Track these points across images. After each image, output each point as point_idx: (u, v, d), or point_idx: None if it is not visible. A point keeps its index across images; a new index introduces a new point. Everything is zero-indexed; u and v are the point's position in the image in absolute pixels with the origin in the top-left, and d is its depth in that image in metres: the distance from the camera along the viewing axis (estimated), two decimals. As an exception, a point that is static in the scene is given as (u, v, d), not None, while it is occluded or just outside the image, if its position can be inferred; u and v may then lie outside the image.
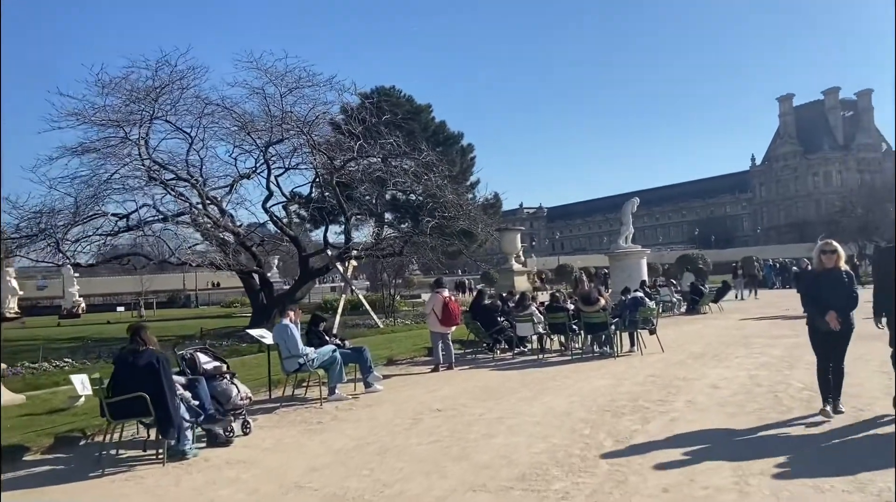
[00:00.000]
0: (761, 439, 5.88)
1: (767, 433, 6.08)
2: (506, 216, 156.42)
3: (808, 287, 7.03)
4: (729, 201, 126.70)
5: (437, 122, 45.53)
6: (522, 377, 10.26)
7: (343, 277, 22.59)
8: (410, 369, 11.94)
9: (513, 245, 21.13)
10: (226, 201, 21.93)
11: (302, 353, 8.83)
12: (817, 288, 6.53)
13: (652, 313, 12.73)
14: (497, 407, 7.97)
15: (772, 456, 5.31)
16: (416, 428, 7.10)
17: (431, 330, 11.61)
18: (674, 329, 16.63)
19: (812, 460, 5.22)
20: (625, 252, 24.38)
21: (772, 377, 8.89)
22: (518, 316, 12.97)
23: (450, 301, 11.43)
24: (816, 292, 6.52)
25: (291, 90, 20.28)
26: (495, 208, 46.11)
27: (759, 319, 17.96)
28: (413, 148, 21.16)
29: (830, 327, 6.19)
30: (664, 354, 11.85)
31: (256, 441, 6.95)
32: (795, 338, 13.11)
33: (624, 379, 9.44)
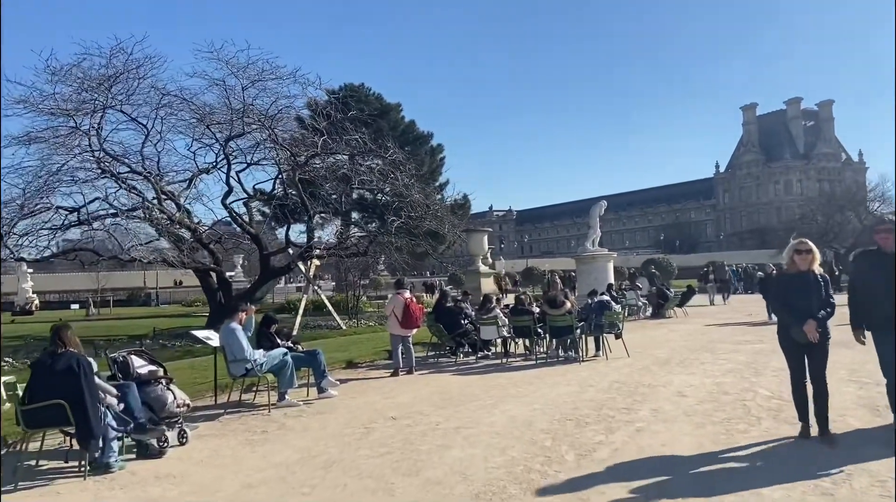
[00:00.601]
0: (731, 453, 5.54)
1: (737, 445, 5.74)
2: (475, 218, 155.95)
3: (779, 292, 6.11)
4: (693, 207, 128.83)
5: (407, 122, 45.01)
6: (484, 382, 9.85)
7: (305, 277, 21.93)
8: (369, 373, 11.45)
9: (480, 246, 20.75)
10: (183, 196, 21.21)
11: (249, 357, 8.29)
12: (789, 293, 5.78)
13: (618, 317, 12.45)
14: (455, 415, 7.54)
15: (743, 473, 4.99)
16: (368, 438, 6.62)
17: (391, 332, 11.13)
18: (639, 333, 16.42)
19: (785, 475, 4.89)
20: (592, 255, 24.18)
21: (738, 384, 8.63)
22: (482, 319, 12.57)
23: (411, 302, 10.97)
24: (789, 298, 5.77)
25: (254, 83, 19.63)
26: (464, 209, 45.78)
27: (723, 325, 17.86)
28: (380, 146, 20.65)
29: (810, 339, 5.49)
30: (630, 359, 11.57)
31: (192, 452, 6.40)
32: (760, 344, 13.00)
33: (588, 386, 9.09)
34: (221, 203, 21.62)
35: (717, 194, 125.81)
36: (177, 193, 20.98)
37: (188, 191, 21.41)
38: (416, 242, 21.37)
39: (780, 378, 8.92)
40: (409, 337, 11.11)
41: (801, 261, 5.71)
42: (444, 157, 46.16)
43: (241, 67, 19.40)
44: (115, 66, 18.08)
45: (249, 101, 19.43)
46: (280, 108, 19.67)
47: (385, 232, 20.20)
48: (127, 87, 18.60)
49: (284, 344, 9.37)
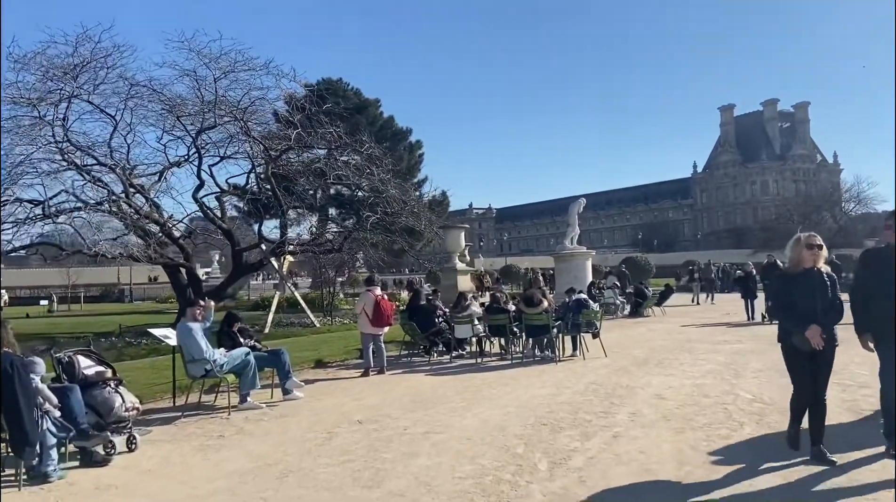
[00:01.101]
0: (713, 462, 5.23)
1: (720, 453, 5.44)
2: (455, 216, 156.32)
3: (780, 293, 5.31)
4: (671, 206, 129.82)
5: (385, 117, 44.45)
6: (457, 383, 9.51)
7: (278, 273, 21.43)
8: (339, 373, 11.04)
9: (457, 243, 20.40)
10: (154, 190, 20.61)
11: (208, 358, 7.85)
12: (793, 293, 5.05)
13: (596, 316, 12.17)
14: (425, 418, 7.18)
15: (724, 483, 4.69)
16: (330, 444, 6.24)
17: (362, 331, 10.73)
18: (617, 332, 16.20)
19: (769, 485, 4.61)
20: (570, 253, 23.96)
21: (718, 387, 8.38)
22: (456, 317, 12.22)
23: (382, 299, 10.59)
24: (791, 299, 5.04)
25: (226, 74, 19.08)
26: (443, 206, 45.40)
27: (700, 325, 17.69)
28: (356, 140, 20.19)
29: (813, 345, 4.84)
30: (607, 359, 11.30)
31: (140, 459, 5.96)
32: (738, 344, 12.84)
33: (564, 387, 8.78)
34: (192, 197, 21.01)
35: (694, 194, 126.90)
36: (147, 187, 20.38)
37: (159, 184, 20.81)
38: (392, 239, 20.97)
39: (761, 380, 8.74)
40: (380, 335, 10.73)
41: (809, 258, 5.03)
42: (422, 154, 45.77)
43: (213, 58, 18.84)
44: (81, 54, 17.44)
45: (222, 93, 18.89)
46: (253, 100, 19.15)
47: (360, 228, 19.76)
48: (94, 76, 17.96)
49: (247, 343, 8.93)
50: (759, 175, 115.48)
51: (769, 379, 8.79)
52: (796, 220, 53.45)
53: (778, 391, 7.88)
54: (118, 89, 18.53)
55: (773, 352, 11.52)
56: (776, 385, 8.28)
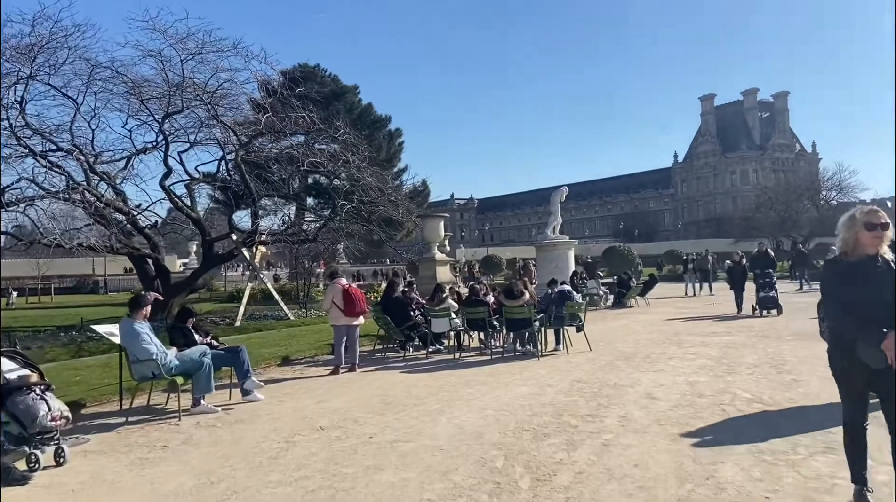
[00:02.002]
0: (719, 482, 4.61)
1: (724, 467, 4.81)
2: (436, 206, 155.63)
3: (837, 287, 3.80)
4: (652, 196, 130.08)
5: (364, 104, 43.43)
6: (433, 382, 8.84)
7: (251, 264, 20.59)
8: (307, 371, 10.31)
9: (435, 233, 19.68)
10: (120, 178, 19.69)
11: (156, 359, 7.09)
12: (855, 288, 3.63)
13: (580, 308, 11.55)
14: (395, 423, 6.51)
15: (733, 503, 4.08)
16: (286, 456, 5.54)
17: (335, 324, 10.01)
18: (601, 324, 15.66)
19: (783, 507, 4.00)
20: (552, 243, 23.38)
21: (713, 384, 7.78)
22: (433, 310, 11.54)
23: (350, 287, 9.89)
24: (855, 295, 3.62)
25: (193, 55, 18.12)
26: (423, 195, 44.57)
27: (687, 318, 17.11)
28: (330, 125, 19.35)
29: (889, 362, 3.40)
30: (592, 354, 10.71)
31: (67, 476, 5.22)
32: (728, 337, 12.33)
33: (548, 386, 8.15)
34: (160, 185, 20.10)
35: (675, 184, 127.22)
36: (112, 174, 19.46)
37: (125, 171, 19.90)
38: (369, 228, 20.23)
39: (757, 377, 8.17)
40: (355, 328, 10.03)
41: (871, 242, 3.67)
42: (402, 142, 44.84)
43: (180, 38, 17.91)
44: (39, 33, 16.44)
45: (189, 75, 17.98)
46: (221, 83, 18.24)
47: (335, 217, 18.98)
48: (53, 57, 16.97)
49: (203, 341, 8.18)
50: (739, 164, 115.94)
51: (766, 375, 8.24)
52: (778, 209, 53.41)
53: (779, 390, 7.33)
54: (79, 71, 17.58)
55: (765, 345, 11.06)
56: (775, 382, 7.74)
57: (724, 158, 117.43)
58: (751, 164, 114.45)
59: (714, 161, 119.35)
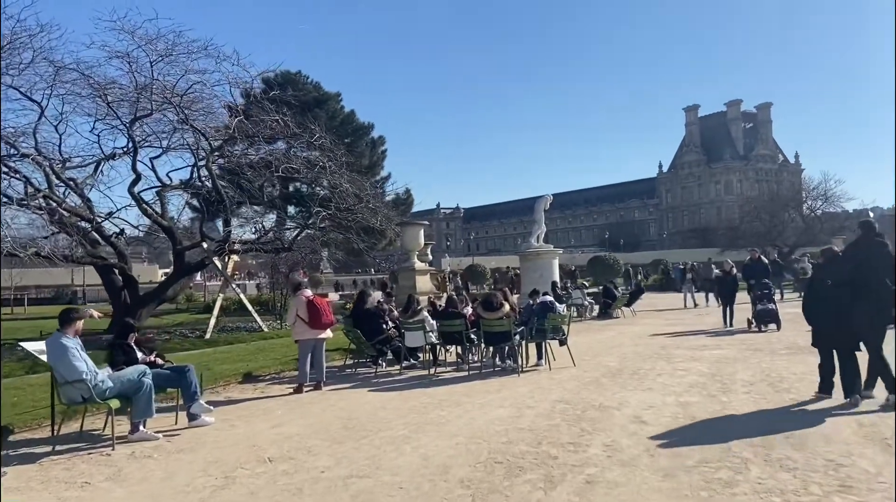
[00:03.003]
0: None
1: (723, 507, 4.14)
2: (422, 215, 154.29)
3: None
4: (637, 206, 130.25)
5: (346, 112, 42.73)
6: (403, 402, 8.10)
7: (222, 274, 19.74)
8: (269, 389, 9.54)
9: (415, 241, 18.95)
10: (88, 184, 18.86)
11: (83, 379, 6.31)
12: None
13: (563, 320, 10.87)
14: (353, 454, 5.77)
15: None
16: (220, 496, 4.78)
17: (300, 339, 9.25)
18: (586, 336, 15.03)
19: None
20: (536, 251, 22.75)
21: (707, 406, 7.11)
22: (406, 322, 10.81)
23: (314, 298, 9.15)
24: None
25: (163, 57, 17.38)
26: (407, 204, 43.87)
27: (674, 332, 16.51)
28: (305, 130, 18.61)
29: None
30: (576, 370, 10.03)
31: (-42, 525, 4.43)
32: (718, 350, 11.70)
33: (527, 407, 7.45)
34: (128, 191, 19.27)
35: (660, 194, 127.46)
36: (80, 181, 18.64)
37: (94, 178, 19.08)
38: (346, 236, 19.48)
39: (754, 396, 7.52)
40: (322, 342, 9.29)
41: None
42: (385, 150, 44.18)
43: (149, 40, 17.18)
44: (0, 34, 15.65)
45: (158, 77, 17.23)
46: (191, 85, 17.48)
47: (311, 225, 18.22)
48: (17, 58, 16.16)
49: (146, 358, 7.39)
50: (724, 175, 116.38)
51: (763, 394, 7.59)
52: (763, 219, 53.21)
53: (781, 411, 6.67)
54: (42, 71, 16.79)
55: (758, 359, 10.41)
56: (775, 404, 7.09)
57: (708, 168, 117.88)
58: (735, 175, 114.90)
59: (698, 171, 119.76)
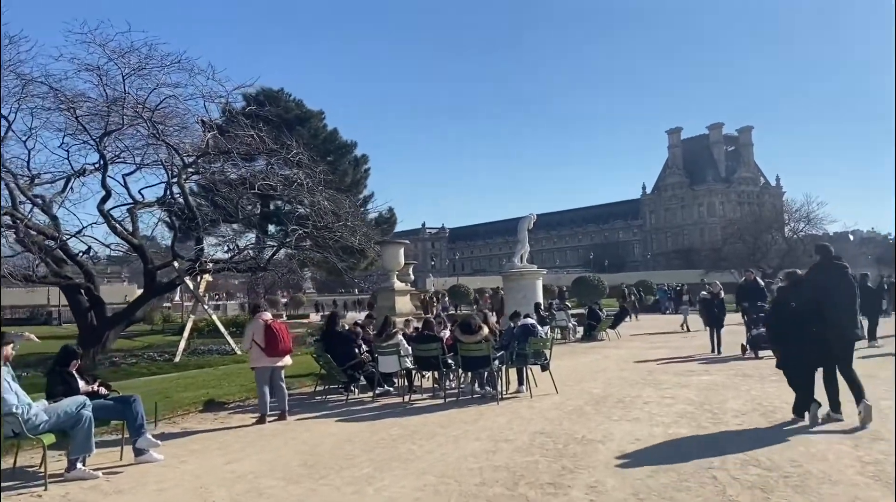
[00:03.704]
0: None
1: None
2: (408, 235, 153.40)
3: None
4: (622, 227, 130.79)
5: (329, 130, 42.25)
6: (371, 434, 7.51)
7: (194, 294, 19.06)
8: (230, 419, 8.91)
9: (395, 260, 18.43)
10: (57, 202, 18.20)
11: (13, 411, 5.69)
12: None
13: (545, 344, 10.36)
14: (309, 497, 5.19)
15: None
16: (150, 551, 4.18)
17: (255, 367, 8.62)
18: (569, 359, 14.51)
19: None
20: (520, 272, 22.31)
21: (698, 439, 6.59)
22: (380, 347, 10.24)
23: (273, 323, 8.56)
24: None
25: (136, 71, 16.88)
26: (390, 223, 43.32)
27: (661, 356, 16.06)
28: (281, 145, 18.09)
29: None
30: (558, 397, 9.51)
31: None
32: (707, 376, 11.23)
33: (505, 440, 6.90)
34: (97, 209, 18.61)
35: (643, 215, 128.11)
36: (48, 198, 17.99)
37: (63, 195, 18.43)
38: (324, 256, 18.90)
39: (746, 428, 7.02)
40: (280, 369, 8.68)
41: None
42: (368, 169, 43.57)
43: (122, 53, 16.71)
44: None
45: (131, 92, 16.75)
46: (163, 98, 16.97)
47: (287, 244, 17.63)
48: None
49: (88, 388, 6.77)
50: (706, 197, 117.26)
51: (756, 426, 7.10)
52: (747, 241, 53.32)
53: (776, 447, 6.17)
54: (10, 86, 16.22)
55: (748, 386, 9.89)
56: (771, 437, 6.59)
57: (691, 190, 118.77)
58: (717, 197, 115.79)
59: (681, 193, 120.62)
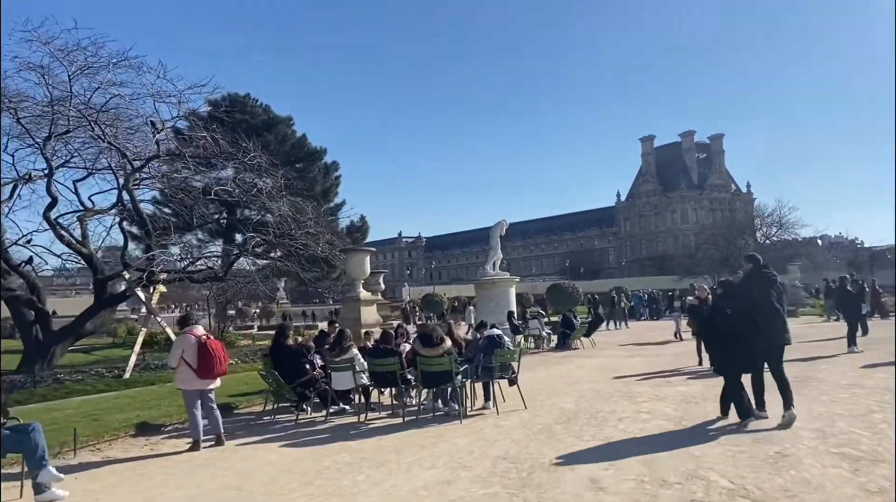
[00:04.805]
0: None
1: None
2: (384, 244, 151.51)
3: None
4: (597, 235, 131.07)
5: (298, 136, 41.28)
6: (315, 462, 6.68)
7: (145, 306, 17.96)
8: (163, 444, 7.99)
9: (360, 268, 17.51)
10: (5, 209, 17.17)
11: None
12: None
13: (512, 357, 9.60)
14: (224, 546, 4.35)
15: None
16: None
17: (183, 389, 7.70)
18: (542, 370, 13.80)
19: None
20: (492, 279, 21.58)
21: (678, 463, 5.86)
22: (333, 362, 9.39)
23: (208, 340, 7.66)
24: None
25: (82, 70, 15.95)
26: (362, 232, 42.40)
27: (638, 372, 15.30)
28: (238, 148, 17.19)
29: None
30: (527, 413, 8.77)
31: None
32: (684, 387, 10.57)
33: (463, 468, 6.12)
34: (44, 217, 17.55)
35: (618, 222, 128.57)
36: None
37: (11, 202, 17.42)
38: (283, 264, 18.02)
39: (730, 448, 6.32)
40: (210, 392, 7.79)
41: None
42: (339, 176, 42.67)
43: (68, 51, 15.81)
44: None
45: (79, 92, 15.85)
46: (109, 98, 16.04)
47: (244, 251, 16.71)
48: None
49: (-21, 416, 5.86)
50: (679, 204, 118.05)
51: (740, 445, 6.41)
52: (720, 246, 53.32)
53: (763, 471, 5.47)
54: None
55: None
56: (756, 458, 5.90)
57: (664, 198, 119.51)
58: (690, 204, 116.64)
59: (655, 200, 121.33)
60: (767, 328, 7.37)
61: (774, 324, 7.41)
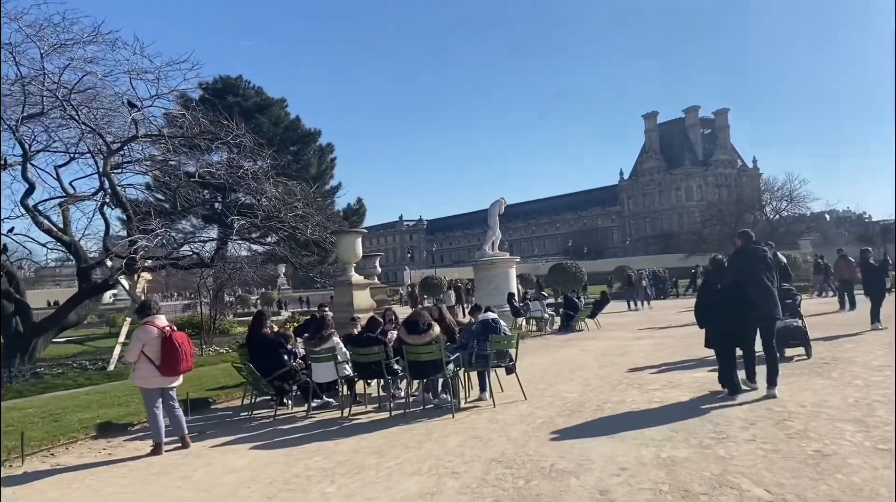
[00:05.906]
0: None
1: None
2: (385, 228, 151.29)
3: None
4: (600, 214, 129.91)
5: (291, 118, 40.19)
6: (285, 468, 5.89)
7: (129, 294, 17.22)
8: (123, 447, 7.20)
9: (351, 251, 16.69)
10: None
11: None
12: None
13: (510, 343, 8.76)
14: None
15: None
16: None
17: (143, 387, 6.88)
18: (544, 355, 12.99)
19: None
20: (490, 260, 20.72)
21: (700, 465, 5.04)
22: (313, 352, 8.57)
23: (172, 333, 6.83)
24: None
25: (55, 47, 15.03)
26: (358, 214, 41.48)
27: (646, 351, 14.51)
28: (221, 127, 16.27)
29: None
30: (527, 405, 7.95)
31: None
32: (698, 372, 9.69)
33: (450, 474, 5.31)
34: (21, 204, 16.72)
35: (621, 201, 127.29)
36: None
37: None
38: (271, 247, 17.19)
39: (760, 445, 5.47)
40: (171, 390, 6.97)
41: None
42: (335, 158, 41.63)
43: (37, 28, 14.87)
44: None
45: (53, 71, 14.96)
46: (82, 76, 15.11)
47: (229, 235, 15.86)
48: None
49: None
50: (684, 181, 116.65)
51: (772, 442, 5.56)
52: (728, 222, 52.23)
53: (804, 475, 4.61)
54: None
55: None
56: (793, 459, 5.03)
57: (668, 175, 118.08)
58: (695, 180, 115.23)
59: (659, 177, 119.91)
60: (757, 302, 7.56)
61: (762, 298, 7.58)
